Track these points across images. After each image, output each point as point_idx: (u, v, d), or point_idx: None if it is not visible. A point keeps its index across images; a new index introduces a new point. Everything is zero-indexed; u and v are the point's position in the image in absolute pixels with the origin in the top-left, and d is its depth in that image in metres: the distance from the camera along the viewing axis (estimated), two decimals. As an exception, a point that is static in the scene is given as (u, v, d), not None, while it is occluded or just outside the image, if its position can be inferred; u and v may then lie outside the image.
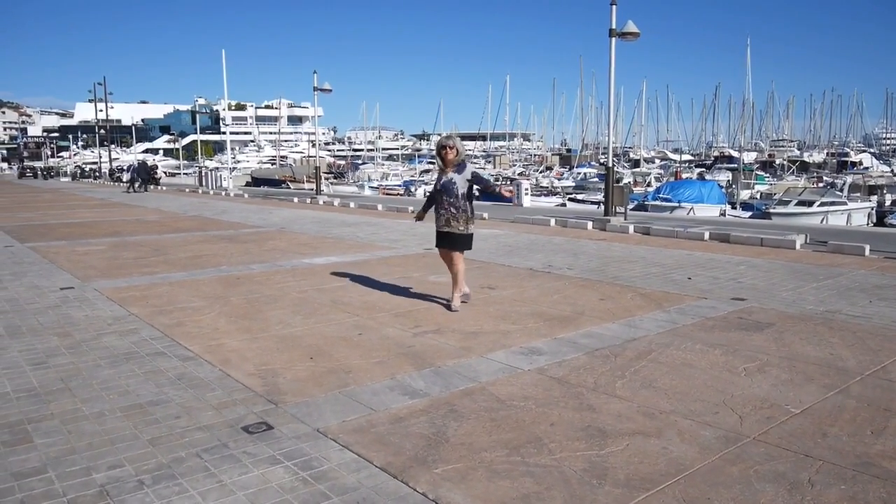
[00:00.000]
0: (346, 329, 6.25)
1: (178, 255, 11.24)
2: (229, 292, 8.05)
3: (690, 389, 4.57)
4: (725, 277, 8.85)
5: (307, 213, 21.04)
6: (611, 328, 6.22)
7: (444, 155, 6.91)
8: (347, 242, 13.09)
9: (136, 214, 20.60)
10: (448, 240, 6.97)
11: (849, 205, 27.33)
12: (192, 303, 7.45)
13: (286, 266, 10.07)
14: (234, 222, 17.69)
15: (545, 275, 9.14)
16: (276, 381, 4.80)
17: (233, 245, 12.72)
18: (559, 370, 5.01)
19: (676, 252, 11.35)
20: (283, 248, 12.17)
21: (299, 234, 14.56)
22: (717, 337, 5.90)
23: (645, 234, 14.05)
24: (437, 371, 5.00)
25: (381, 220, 18.24)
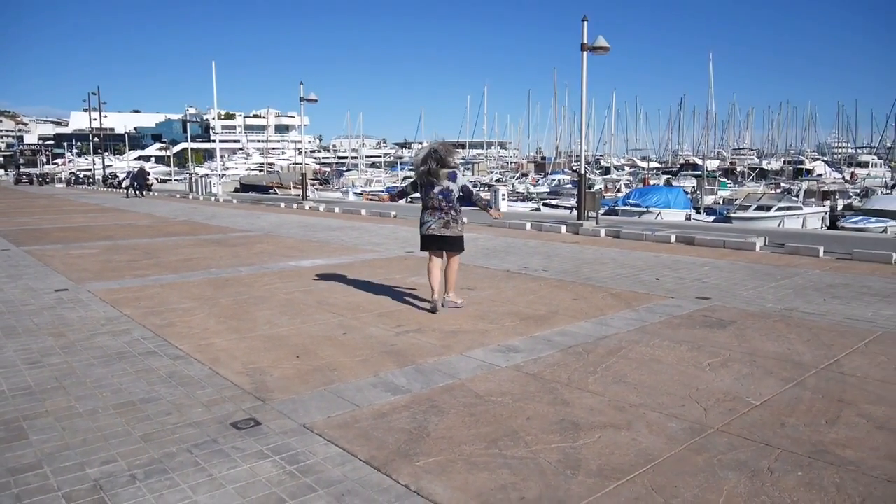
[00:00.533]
0: (332, 329, 6.22)
1: (169, 259, 11.12)
2: (218, 294, 7.98)
3: (658, 384, 4.60)
4: (691, 278, 8.93)
5: (294, 217, 20.93)
6: (583, 326, 6.25)
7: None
8: (332, 246, 13.03)
9: (129, 219, 20.36)
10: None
11: (804, 209, 27.71)
12: (183, 304, 7.38)
13: (273, 269, 10.00)
14: (223, 227, 17.54)
15: (521, 276, 9.16)
16: (264, 378, 4.77)
17: (222, 248, 12.61)
18: (535, 367, 5.02)
19: (645, 254, 11.43)
20: (271, 252, 12.09)
21: (286, 238, 14.48)
22: (683, 334, 5.94)
23: (616, 238, 14.13)
24: (418, 368, 4.99)
25: (364, 224, 18.18)
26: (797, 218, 26.32)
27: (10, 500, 3.10)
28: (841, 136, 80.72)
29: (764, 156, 73.11)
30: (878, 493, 3.12)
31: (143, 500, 3.09)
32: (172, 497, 3.12)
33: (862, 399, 4.29)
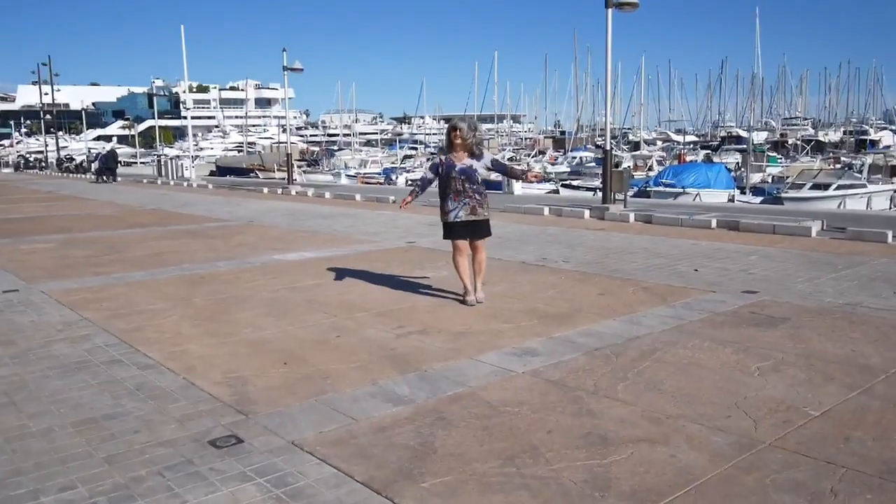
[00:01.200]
0: (323, 331, 6.23)
1: (136, 253, 11.15)
2: (193, 293, 7.99)
3: (699, 391, 4.58)
4: (735, 269, 8.89)
5: (278, 204, 20.94)
6: (611, 326, 6.24)
7: (452, 138, 7.00)
8: (323, 236, 13.04)
9: (88, 208, 20.43)
10: (474, 228, 7.06)
11: (869, 187, 27.46)
12: (152, 305, 7.39)
13: (256, 263, 10.02)
14: (197, 216, 17.57)
15: (539, 268, 9.14)
16: (246, 389, 4.77)
17: (196, 241, 12.64)
18: (556, 372, 5.01)
19: (681, 241, 11.40)
20: (253, 244, 12.11)
21: (270, 228, 14.50)
22: (728, 334, 5.92)
23: (647, 223, 14.10)
24: (422, 375, 4.99)
25: (359, 211, 18.19)
26: (861, 198, 26.16)
27: (-45, 532, 3.11)
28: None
29: (820, 126, 72.75)
30: (958, 515, 3.10)
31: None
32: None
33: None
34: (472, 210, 6.95)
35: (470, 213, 6.95)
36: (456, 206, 6.95)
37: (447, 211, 7.02)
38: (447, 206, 7.01)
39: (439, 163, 7.11)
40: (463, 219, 6.97)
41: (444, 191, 7.03)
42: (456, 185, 6.92)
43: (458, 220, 6.97)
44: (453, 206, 6.97)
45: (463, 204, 6.94)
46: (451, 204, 6.97)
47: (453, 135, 6.95)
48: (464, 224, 7.00)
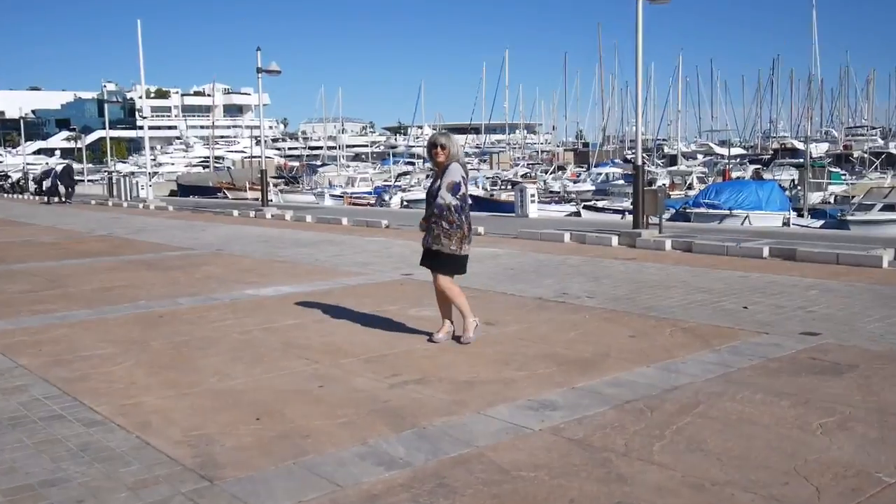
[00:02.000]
0: (303, 380, 6.22)
1: (82, 288, 11.17)
2: (150, 335, 8.00)
3: (751, 453, 4.56)
4: (792, 306, 8.89)
5: (251, 229, 21.01)
6: (645, 374, 6.23)
7: (434, 155, 7.15)
8: (304, 267, 13.06)
9: (25, 234, 20.49)
10: (432, 259, 7.24)
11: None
12: (101, 349, 7.39)
13: (224, 299, 10.03)
14: (155, 243, 17.62)
15: (559, 305, 9.14)
16: (212, 450, 4.76)
17: (154, 273, 12.66)
18: (579, 429, 4.99)
19: (727, 274, 11.40)
20: (221, 276, 12.13)
21: (241, 258, 14.52)
22: (784, 384, 5.90)
23: (686, 251, 14.13)
24: (421, 433, 4.97)
25: (347, 237, 18.23)
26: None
27: None
28: None
29: (891, 136, 73.01)
30: None
31: None
32: None
33: None
34: (435, 238, 7.11)
35: (433, 240, 7.12)
36: (426, 232, 7.24)
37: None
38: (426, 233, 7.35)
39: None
40: (425, 245, 7.25)
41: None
42: (428, 208, 7.24)
43: (426, 245, 7.24)
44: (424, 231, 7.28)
45: (431, 228, 7.16)
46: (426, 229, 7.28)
47: (434, 152, 7.11)
48: (424, 252, 7.31)
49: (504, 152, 79.74)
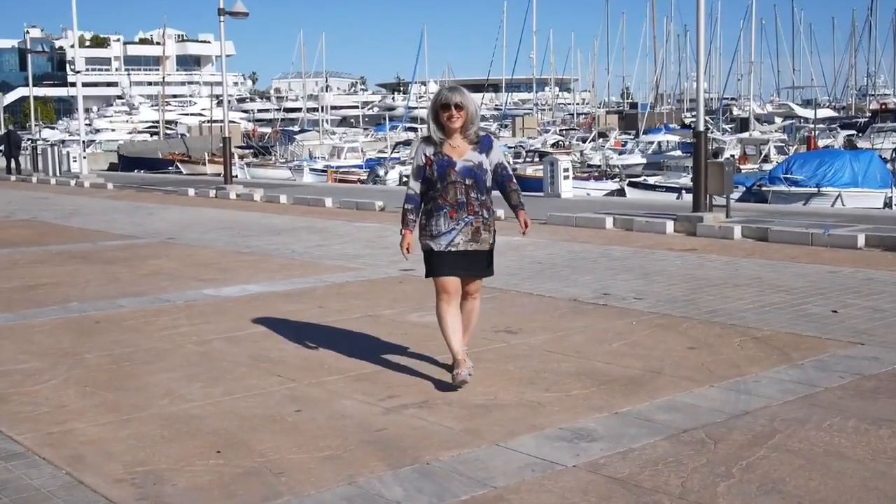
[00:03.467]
0: (276, 403, 6.22)
1: None
2: (83, 345, 8.01)
3: (841, 496, 4.55)
4: (894, 309, 8.87)
5: (211, 213, 21.03)
6: (708, 395, 6.21)
7: (448, 119, 6.47)
8: (277, 260, 13.07)
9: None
10: (473, 262, 6.66)
11: None
12: (22, 363, 7.40)
13: (177, 301, 10.05)
14: (91, 230, 17.64)
15: (599, 309, 9.14)
16: (162, 490, 4.76)
17: (90, 267, 12.68)
18: (624, 466, 4.98)
19: (812, 269, 11.38)
20: (173, 272, 12.14)
21: (199, 249, 14.53)
22: (884, 408, 5.88)
23: (760, 241, 14.12)
24: (424, 470, 4.97)
25: (331, 223, 18.23)
26: None
27: None
28: None
29: None
30: None
31: None
32: None
33: None
34: (474, 234, 6.52)
35: (471, 238, 6.51)
36: (452, 228, 6.48)
37: (436, 233, 6.53)
38: (437, 227, 6.54)
39: (425, 162, 6.59)
40: (461, 247, 6.51)
41: (433, 202, 6.57)
42: (456, 193, 6.49)
43: (452, 248, 6.49)
44: (448, 227, 6.50)
45: (464, 224, 6.48)
46: (445, 223, 6.50)
47: (447, 115, 6.45)
48: (460, 255, 6.54)
49: (530, 115, 79.58)
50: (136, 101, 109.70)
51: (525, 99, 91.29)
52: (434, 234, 6.53)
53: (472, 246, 6.53)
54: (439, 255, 6.53)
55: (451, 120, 6.44)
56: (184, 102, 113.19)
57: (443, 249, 6.50)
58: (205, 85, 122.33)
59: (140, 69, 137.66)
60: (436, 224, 6.53)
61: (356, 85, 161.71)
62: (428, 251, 6.61)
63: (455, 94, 6.49)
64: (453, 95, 6.46)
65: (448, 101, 6.44)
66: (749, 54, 71.08)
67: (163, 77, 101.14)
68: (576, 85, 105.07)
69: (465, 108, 6.45)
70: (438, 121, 6.53)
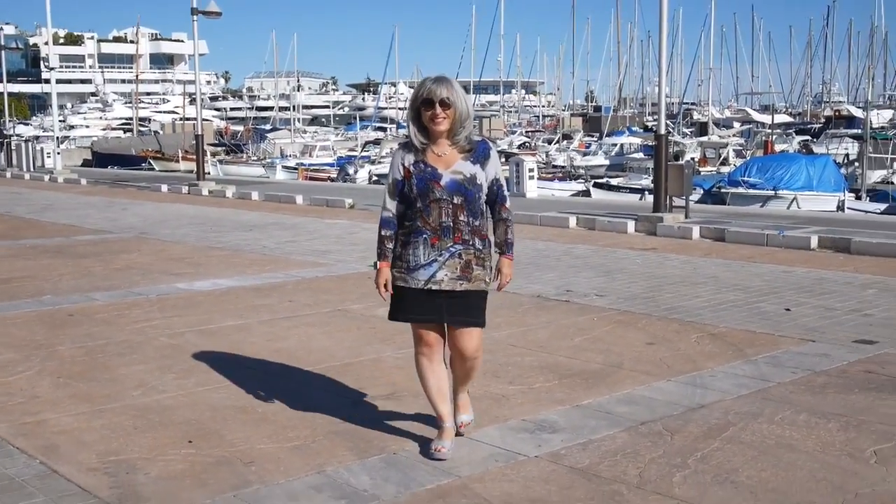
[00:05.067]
0: (247, 394, 6.23)
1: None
2: (57, 337, 7.97)
3: (791, 486, 4.61)
4: (845, 308, 8.96)
5: (184, 209, 20.92)
6: (665, 389, 6.27)
7: (432, 120, 4.84)
8: (248, 256, 13.03)
9: None
10: (460, 305, 4.98)
11: None
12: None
13: (150, 294, 10.01)
14: (64, 225, 17.51)
15: (562, 305, 9.18)
16: (134, 479, 4.76)
17: (63, 261, 12.60)
18: (584, 456, 5.03)
19: (767, 268, 11.48)
20: (145, 266, 12.08)
21: (171, 244, 14.47)
22: (833, 402, 5.95)
23: (717, 241, 14.21)
24: (390, 460, 5.00)
25: (301, 219, 18.18)
26: None
27: None
28: None
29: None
30: None
31: None
32: None
33: None
34: (463, 269, 4.90)
35: (460, 275, 4.90)
36: (434, 259, 4.88)
37: (413, 265, 4.94)
38: (413, 257, 4.94)
39: (403, 175, 4.96)
40: (445, 285, 4.89)
41: (411, 224, 4.98)
42: (440, 214, 4.87)
43: (435, 286, 4.90)
44: (427, 258, 4.90)
45: (448, 255, 4.88)
46: (425, 252, 4.90)
47: (430, 114, 4.82)
48: (443, 296, 4.92)
49: (497, 117, 79.45)
50: (110, 98, 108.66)
51: (492, 101, 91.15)
52: (410, 266, 4.92)
53: (461, 285, 4.88)
54: (415, 295, 4.95)
55: (436, 121, 4.79)
56: (157, 100, 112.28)
57: (421, 287, 4.90)
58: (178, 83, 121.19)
59: (114, 67, 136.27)
60: (413, 253, 4.91)
61: (327, 85, 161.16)
62: (399, 288, 5.03)
63: (441, 86, 4.80)
64: (439, 89, 4.78)
65: (431, 95, 4.77)
66: (709, 60, 71.79)
67: (136, 75, 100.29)
68: (542, 88, 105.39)
69: (454, 105, 4.79)
70: (420, 121, 4.88)
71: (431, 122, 4.80)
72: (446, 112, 4.77)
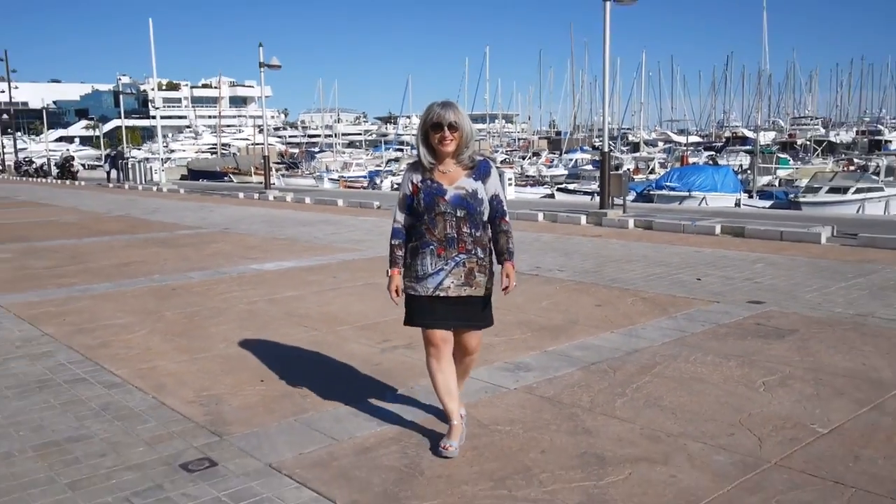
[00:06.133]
0: (303, 346, 6.26)
1: (102, 263, 11.12)
2: (163, 306, 7.99)
3: (701, 408, 4.63)
4: (740, 277, 8.97)
5: (255, 210, 20.92)
6: (609, 339, 6.29)
7: (440, 142, 4.13)
8: (303, 244, 13.04)
9: (49, 215, 20.34)
10: (466, 310, 4.25)
11: (886, 191, 27.52)
12: (119, 319, 7.38)
13: (231, 273, 10.02)
14: (168, 223, 17.53)
15: (532, 278, 9.19)
16: (221, 408, 4.79)
17: (167, 250, 12.62)
18: (550, 388, 5.05)
19: (683, 249, 11.47)
20: (227, 253, 12.10)
21: (246, 236, 14.48)
22: (732, 346, 5.98)
23: (647, 229, 14.20)
24: (408, 392, 5.02)
25: (342, 217, 18.19)
26: (879, 202, 26.24)
27: None
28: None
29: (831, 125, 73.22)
30: (971, 537, 3.15)
31: (72, 561, 3.11)
32: (109, 556, 3.14)
33: (951, 423, 4.33)
34: (467, 276, 4.17)
35: (464, 281, 4.17)
36: (440, 269, 4.15)
37: (421, 274, 4.19)
38: (422, 266, 4.19)
39: (411, 191, 4.25)
40: (452, 292, 4.16)
41: (419, 237, 4.24)
42: (445, 226, 4.15)
43: (443, 293, 4.16)
44: (434, 268, 4.16)
45: (454, 264, 4.15)
46: (432, 262, 4.17)
47: (439, 137, 4.11)
48: (451, 302, 4.20)
49: (484, 140, 79.40)
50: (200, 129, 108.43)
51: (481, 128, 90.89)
52: (419, 275, 4.19)
53: (465, 291, 4.17)
54: (424, 301, 4.21)
55: (445, 143, 4.11)
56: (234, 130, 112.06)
57: (430, 294, 4.17)
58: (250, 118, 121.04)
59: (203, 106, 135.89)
60: (421, 263, 4.19)
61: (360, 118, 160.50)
62: (409, 296, 4.29)
63: (449, 111, 4.12)
64: (446, 113, 4.10)
65: (441, 120, 4.09)
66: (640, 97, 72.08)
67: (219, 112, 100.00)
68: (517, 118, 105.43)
69: (461, 128, 4.13)
70: (428, 142, 4.18)
71: (440, 144, 4.11)
72: (454, 135, 4.10)
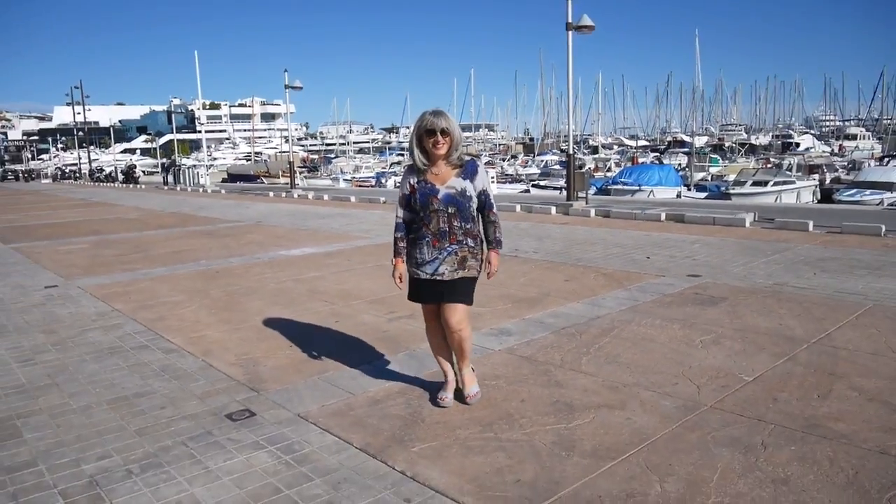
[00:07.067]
0: (324, 317, 6.22)
1: (158, 252, 11.06)
2: (209, 286, 7.95)
3: (651, 363, 4.63)
4: (681, 255, 8.95)
5: (282, 206, 20.83)
6: (575, 308, 6.27)
7: (434, 146, 3.86)
8: (322, 234, 12.99)
9: (116, 213, 20.23)
10: (453, 288, 3.96)
11: (797, 183, 27.73)
12: (173, 297, 7.35)
13: (264, 258, 9.97)
14: (211, 217, 17.45)
15: (512, 259, 9.17)
16: (257, 369, 4.77)
17: (211, 240, 12.56)
18: (528, 349, 5.04)
19: (635, 233, 11.45)
20: (261, 241, 12.04)
21: (275, 228, 14.42)
22: (675, 312, 5.97)
23: (606, 217, 14.16)
24: (411, 354, 5.00)
25: (354, 211, 18.12)
26: (791, 193, 26.37)
27: (5, 499, 3.09)
28: (828, 108, 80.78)
29: (752, 131, 73.19)
30: (871, 465, 3.16)
31: (139, 495, 3.09)
32: (169, 490, 3.12)
33: (853, 372, 4.33)
34: (460, 262, 3.93)
35: (458, 266, 3.93)
36: (435, 257, 3.92)
37: (420, 262, 3.97)
38: (420, 255, 3.97)
39: (409, 191, 3.98)
40: (447, 276, 3.92)
41: (417, 230, 3.99)
42: (438, 221, 3.90)
43: (440, 277, 3.93)
44: (431, 256, 3.93)
45: (447, 253, 3.91)
46: (428, 252, 3.94)
47: (432, 141, 3.84)
48: (442, 284, 3.95)
49: (471, 146, 79.30)
50: (237, 140, 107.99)
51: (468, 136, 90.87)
52: (419, 262, 3.97)
53: (458, 274, 3.93)
54: (423, 283, 4.00)
55: (437, 147, 3.84)
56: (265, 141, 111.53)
57: (428, 278, 3.96)
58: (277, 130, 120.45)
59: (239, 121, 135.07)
60: (419, 252, 3.97)
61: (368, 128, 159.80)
62: (413, 279, 4.06)
63: (440, 118, 3.84)
64: (438, 120, 3.83)
65: (433, 126, 3.82)
66: (598, 108, 71.88)
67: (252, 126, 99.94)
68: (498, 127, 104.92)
69: (451, 133, 3.85)
70: (422, 146, 3.90)
71: (434, 148, 3.83)
72: (445, 139, 3.82)
